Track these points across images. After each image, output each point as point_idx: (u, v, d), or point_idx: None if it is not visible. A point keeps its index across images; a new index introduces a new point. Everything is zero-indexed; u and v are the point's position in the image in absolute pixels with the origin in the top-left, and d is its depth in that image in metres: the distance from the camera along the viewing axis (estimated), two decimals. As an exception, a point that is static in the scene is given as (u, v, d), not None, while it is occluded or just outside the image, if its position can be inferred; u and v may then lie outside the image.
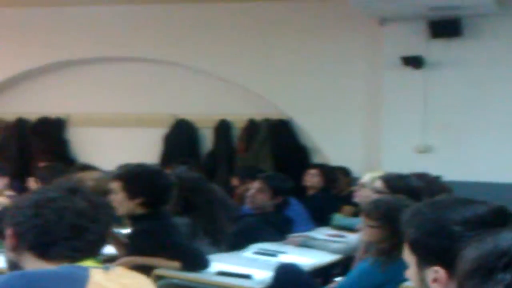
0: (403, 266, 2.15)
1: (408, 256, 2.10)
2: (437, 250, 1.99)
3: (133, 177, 4.56)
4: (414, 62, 9.03)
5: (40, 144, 10.52)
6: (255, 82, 10.06)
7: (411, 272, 2.09)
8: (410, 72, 9.09)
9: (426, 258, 2.02)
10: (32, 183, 6.71)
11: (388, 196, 4.61)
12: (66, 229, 2.30)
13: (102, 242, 2.42)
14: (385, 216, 4.11)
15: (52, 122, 10.80)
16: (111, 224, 2.47)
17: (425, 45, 9.11)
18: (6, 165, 8.46)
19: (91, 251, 2.35)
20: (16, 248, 2.37)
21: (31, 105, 10.80)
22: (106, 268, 2.29)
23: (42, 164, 8.24)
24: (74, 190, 2.39)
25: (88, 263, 2.31)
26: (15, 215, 2.38)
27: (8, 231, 2.37)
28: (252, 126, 10.17)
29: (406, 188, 4.96)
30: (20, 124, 10.82)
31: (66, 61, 10.67)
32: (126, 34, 10.42)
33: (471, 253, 1.49)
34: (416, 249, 2.06)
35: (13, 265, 2.41)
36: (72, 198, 2.36)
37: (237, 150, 10.19)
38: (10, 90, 10.94)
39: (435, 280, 1.98)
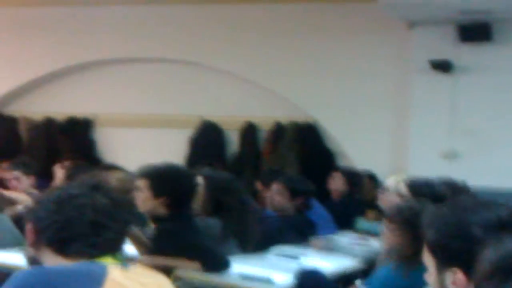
0: (425, 272, 2.12)
1: (427, 258, 2.07)
2: (456, 253, 1.96)
3: (160, 176, 4.57)
4: (442, 66, 8.95)
5: (67, 144, 10.57)
6: (282, 84, 10.03)
7: (430, 274, 2.06)
8: (438, 77, 9.01)
9: (445, 261, 2.00)
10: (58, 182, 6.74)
11: (411, 201, 4.56)
12: (86, 225, 2.31)
13: (122, 240, 2.42)
14: (408, 221, 4.06)
15: (79, 122, 10.85)
16: (132, 223, 2.47)
17: (454, 49, 9.02)
18: (33, 164, 8.50)
19: (110, 248, 2.35)
20: (35, 244, 2.37)
21: (59, 105, 10.85)
22: (125, 266, 2.29)
23: (67, 163, 8.28)
24: (96, 188, 2.40)
25: (106, 261, 2.30)
26: (36, 210, 2.39)
27: (29, 226, 2.38)
28: (278, 129, 10.13)
29: (430, 193, 4.90)
30: (48, 123, 10.88)
31: (94, 61, 10.72)
32: (153, 35, 10.43)
33: (490, 255, 1.47)
34: (435, 251, 2.03)
35: (33, 261, 2.41)
36: (94, 195, 2.37)
37: (263, 153, 10.17)
38: (38, 90, 11.01)
39: (454, 283, 1.95)
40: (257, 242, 5.58)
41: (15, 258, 4.31)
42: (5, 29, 10.83)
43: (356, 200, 8.15)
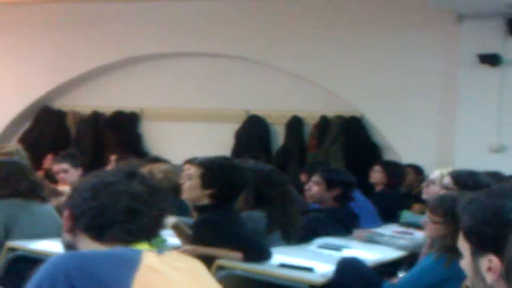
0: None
1: (462, 244, 2.04)
2: (492, 238, 1.93)
3: (213, 168, 4.59)
4: (490, 59, 8.85)
5: (114, 137, 10.67)
6: (328, 78, 10.01)
7: (466, 261, 2.04)
8: (486, 70, 8.92)
9: (480, 247, 1.97)
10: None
11: (454, 192, 4.53)
12: (121, 212, 2.32)
13: (157, 226, 2.43)
14: (450, 212, 4.03)
15: (126, 116, 10.96)
16: (168, 210, 2.48)
17: (502, 43, 8.92)
18: (80, 157, 8.59)
19: (145, 235, 2.37)
20: (72, 230, 2.40)
21: (106, 99, 10.97)
22: (160, 252, 2.30)
23: (114, 157, 8.36)
24: (132, 175, 2.42)
25: (142, 247, 2.32)
26: (73, 197, 2.41)
27: (66, 212, 2.41)
28: (324, 123, 10.12)
29: (475, 185, 4.85)
30: (95, 117, 11.01)
31: (141, 56, 10.81)
32: (200, 29, 10.48)
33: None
34: (470, 237, 2.00)
35: (69, 247, 2.44)
36: (129, 182, 2.38)
37: (308, 147, 10.16)
38: (86, 84, 11.14)
39: (489, 269, 1.92)
40: (300, 234, 5.58)
41: (58, 247, 4.37)
42: (54, 24, 10.98)
43: (397, 193, 8.08)
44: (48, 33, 10.99)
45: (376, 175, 8.15)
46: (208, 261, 3.88)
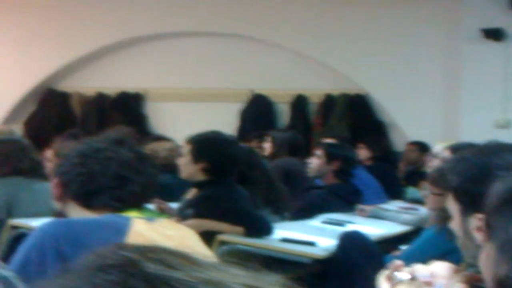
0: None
1: (451, 205, 2.02)
2: (480, 197, 1.90)
3: (201, 142, 4.58)
4: (494, 34, 8.78)
5: (119, 118, 10.64)
6: (331, 56, 9.95)
7: (455, 221, 2.01)
8: (490, 45, 8.85)
9: (469, 206, 1.94)
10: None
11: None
12: (110, 179, 2.31)
13: (147, 194, 2.42)
14: (451, 183, 4.00)
15: (130, 97, 10.94)
16: (156, 177, 2.45)
17: (506, 17, 8.85)
18: (85, 137, 8.56)
19: (135, 202, 2.35)
20: (61, 197, 2.38)
21: (110, 80, 10.94)
22: (150, 219, 2.28)
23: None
24: (120, 142, 2.40)
25: (131, 214, 2.30)
26: (62, 164, 2.40)
27: (54, 180, 2.39)
28: (329, 101, 10.09)
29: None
30: (100, 99, 10.99)
31: (144, 36, 10.76)
32: (204, 8, 10.43)
33: (498, 187, 1.42)
34: (459, 196, 1.98)
35: (59, 215, 2.43)
36: (118, 149, 2.36)
37: (313, 126, 10.13)
38: (90, 65, 11.10)
39: (479, 229, 1.90)
40: (303, 212, 5.57)
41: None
42: (55, 4, 10.93)
43: (382, 166, 8.02)
44: (51, 14, 10.94)
45: (361, 152, 8.16)
46: (208, 236, 3.88)
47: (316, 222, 5.33)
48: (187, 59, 10.68)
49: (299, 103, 10.25)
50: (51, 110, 11.03)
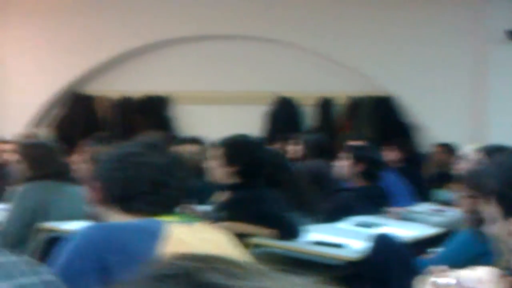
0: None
1: (491, 208, 1.98)
2: None
3: (233, 145, 4.61)
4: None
5: (144, 121, 10.67)
6: (357, 58, 9.93)
7: (498, 225, 1.98)
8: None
9: (509, 210, 1.92)
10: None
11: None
12: (147, 183, 2.32)
13: (181, 197, 2.43)
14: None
15: (156, 100, 10.95)
16: (189, 181, 2.47)
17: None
18: (112, 140, 8.57)
19: (170, 205, 2.37)
20: (100, 201, 2.39)
21: (136, 83, 10.96)
22: (185, 223, 2.28)
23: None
24: (154, 146, 2.41)
25: (168, 218, 2.31)
26: (101, 169, 2.40)
27: (94, 184, 2.39)
28: (354, 104, 10.06)
29: (508, 158, 4.76)
30: (125, 102, 11.01)
31: (169, 39, 10.77)
32: (227, 12, 10.44)
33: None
34: (501, 200, 1.95)
35: (95, 218, 2.44)
36: (153, 154, 2.38)
37: (339, 128, 10.10)
38: (115, 69, 11.12)
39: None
40: (331, 213, 5.55)
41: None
42: (82, 8, 10.98)
43: (408, 169, 7.98)
44: (76, 18, 10.98)
45: (388, 154, 8.12)
46: (241, 239, 3.87)
47: (346, 224, 5.30)
48: (212, 62, 10.68)
49: (325, 106, 10.22)
50: (77, 114, 11.06)
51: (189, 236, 2.23)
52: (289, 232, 4.48)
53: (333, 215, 5.55)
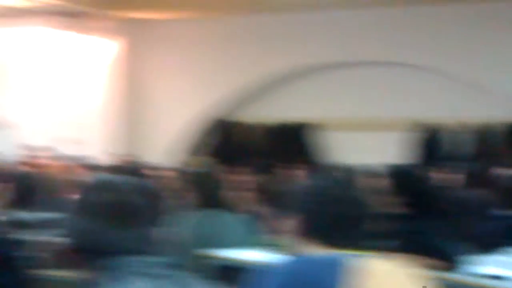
0: None
1: None
2: None
3: (401, 175, 4.58)
4: None
5: (294, 148, 10.77)
6: (497, 82, 9.78)
7: None
8: None
9: None
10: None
11: None
12: (343, 218, 2.35)
13: (365, 233, 2.45)
14: None
15: (305, 127, 11.05)
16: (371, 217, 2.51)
17: None
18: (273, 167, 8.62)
19: (359, 240, 2.39)
20: (300, 233, 2.43)
21: (287, 109, 11.09)
22: (378, 258, 2.29)
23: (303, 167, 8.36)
24: (341, 181, 2.47)
25: (362, 253, 2.32)
26: (301, 202, 2.45)
27: (294, 216, 2.43)
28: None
29: None
30: (279, 128, 11.14)
31: (316, 66, 10.87)
32: (376, 38, 10.53)
33: None
34: None
35: (291, 251, 2.48)
36: (346, 188, 2.41)
37: (499, 155, 9.90)
38: (262, 96, 11.28)
39: None
40: (488, 242, 5.40)
41: (258, 256, 4.48)
42: (232, 37, 11.22)
43: None
44: (221, 45, 11.24)
45: None
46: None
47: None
48: (359, 88, 10.74)
49: (480, 133, 10.08)
50: (229, 141, 11.27)
51: (383, 271, 2.23)
52: (454, 263, 4.40)
53: (491, 243, 5.38)
